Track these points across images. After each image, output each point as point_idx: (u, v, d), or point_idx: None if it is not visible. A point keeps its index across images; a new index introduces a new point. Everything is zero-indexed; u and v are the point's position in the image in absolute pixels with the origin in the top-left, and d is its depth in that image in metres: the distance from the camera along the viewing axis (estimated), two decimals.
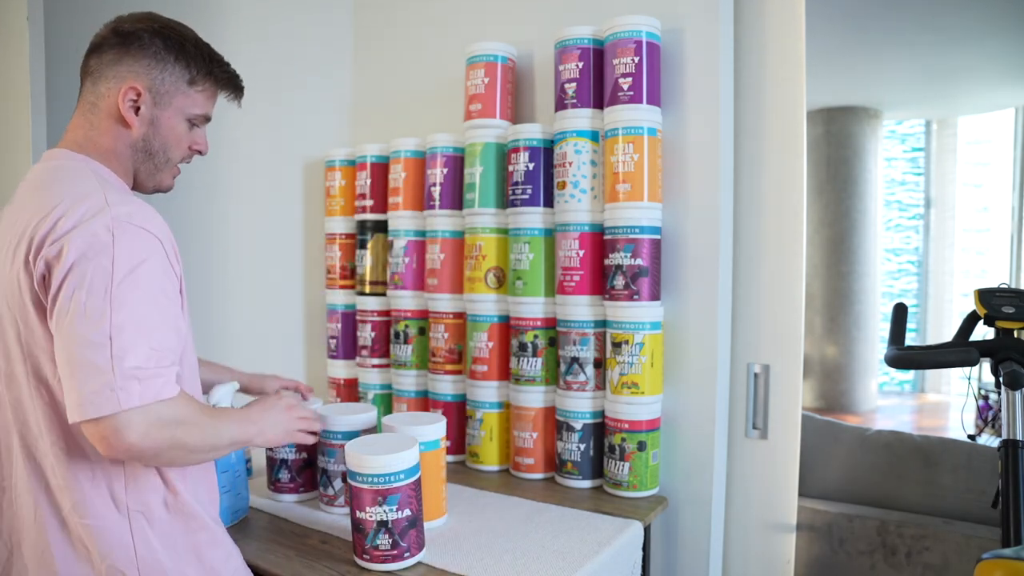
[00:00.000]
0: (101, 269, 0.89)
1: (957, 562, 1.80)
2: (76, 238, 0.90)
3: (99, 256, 0.90)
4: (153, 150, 1.08)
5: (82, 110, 1.07)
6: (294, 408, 1.23)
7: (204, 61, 1.08)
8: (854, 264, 6.08)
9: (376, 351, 1.99)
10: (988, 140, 6.81)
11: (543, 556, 1.25)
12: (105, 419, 0.87)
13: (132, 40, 1.04)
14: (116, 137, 1.06)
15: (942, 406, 6.56)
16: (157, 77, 1.05)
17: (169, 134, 1.08)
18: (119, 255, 0.91)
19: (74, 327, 0.88)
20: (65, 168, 1.02)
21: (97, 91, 1.05)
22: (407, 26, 2.14)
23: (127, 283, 0.90)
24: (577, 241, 1.62)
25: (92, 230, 0.91)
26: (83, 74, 1.07)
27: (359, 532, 1.19)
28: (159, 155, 1.09)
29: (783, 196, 1.63)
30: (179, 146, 1.10)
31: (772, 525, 1.65)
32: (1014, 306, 1.62)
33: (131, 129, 1.05)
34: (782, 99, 1.62)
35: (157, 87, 1.05)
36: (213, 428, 0.99)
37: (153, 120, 1.06)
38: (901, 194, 7.03)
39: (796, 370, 1.62)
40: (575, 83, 1.61)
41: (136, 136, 1.06)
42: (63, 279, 0.89)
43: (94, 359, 0.87)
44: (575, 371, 1.62)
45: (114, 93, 1.04)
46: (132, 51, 1.04)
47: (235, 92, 1.15)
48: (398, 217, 1.90)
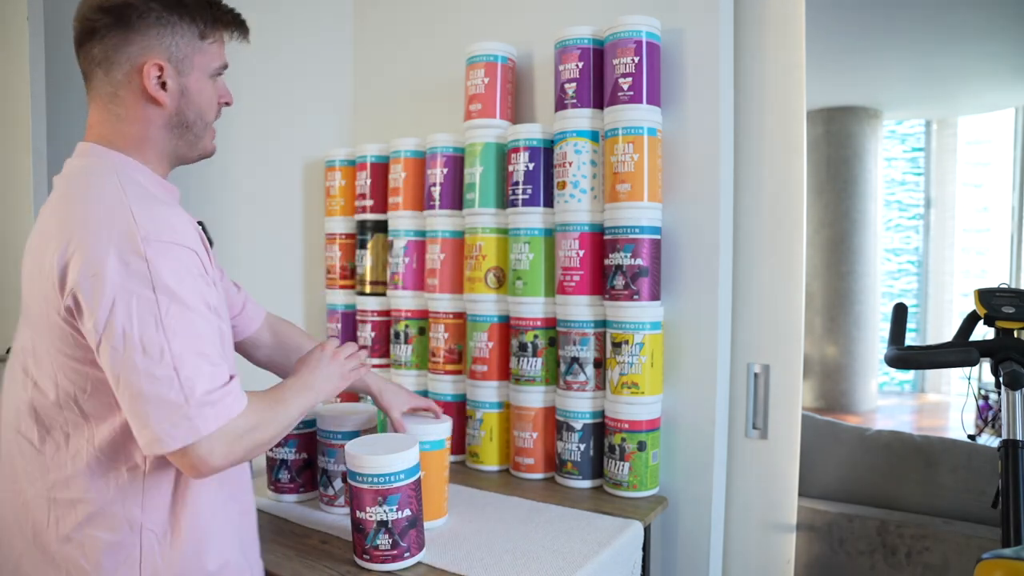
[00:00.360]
0: (146, 301, 0.87)
1: (957, 562, 1.80)
2: (110, 271, 0.87)
3: (140, 287, 0.87)
4: (189, 121, 1.03)
5: (100, 103, 1.00)
6: (337, 354, 1.22)
7: (205, 8, 1.01)
8: (854, 264, 6.08)
9: (376, 351, 1.99)
10: (988, 140, 6.81)
11: (543, 556, 1.25)
12: (188, 448, 0.87)
13: (128, 13, 0.96)
14: (147, 121, 1.00)
15: (942, 406, 6.56)
16: (172, 44, 0.98)
17: (200, 98, 1.03)
18: (158, 282, 0.88)
19: (135, 364, 0.87)
20: (93, 172, 0.98)
21: (113, 79, 0.98)
22: (407, 26, 2.14)
23: (175, 309, 0.89)
24: (577, 241, 1.62)
25: (124, 259, 0.87)
26: (88, 65, 1.00)
27: (359, 532, 1.19)
28: (196, 123, 1.04)
29: (783, 196, 1.63)
30: (211, 106, 1.05)
31: (772, 525, 1.65)
32: (1014, 306, 1.62)
33: (163, 107, 1.00)
34: (782, 99, 1.62)
35: (175, 54, 0.99)
36: (282, 415, 1.02)
37: (182, 90, 1.00)
38: (901, 194, 7.03)
39: (796, 370, 1.63)
40: (575, 83, 1.61)
41: (170, 112, 1.00)
42: (108, 317, 0.87)
43: (165, 394, 0.87)
44: (575, 371, 1.62)
45: (135, 77, 0.97)
46: (135, 26, 0.96)
47: (243, 30, 1.08)
48: (398, 217, 1.90)
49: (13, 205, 1.68)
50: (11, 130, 1.67)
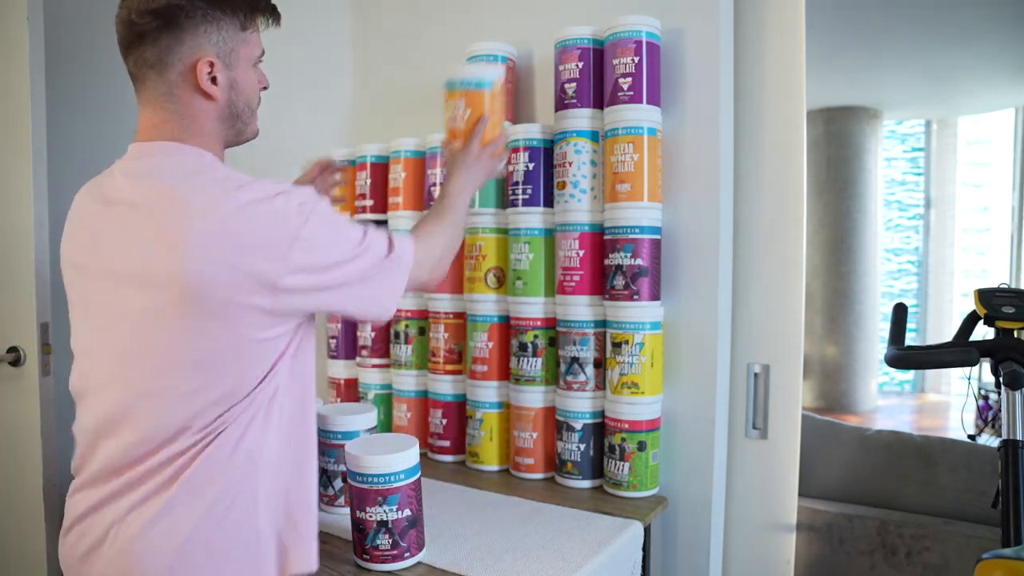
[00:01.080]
0: (317, 216, 0.98)
1: (957, 562, 1.80)
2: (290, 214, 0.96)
3: (298, 215, 0.96)
4: (239, 110, 1.08)
5: (157, 103, 1.02)
6: (483, 152, 1.32)
7: (242, 0, 1.06)
8: (854, 264, 6.08)
9: (376, 351, 1.99)
10: (988, 140, 6.81)
11: (543, 556, 1.25)
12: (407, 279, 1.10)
13: (177, 15, 0.99)
14: (204, 114, 1.04)
15: (942, 406, 6.57)
16: (219, 40, 1.02)
17: (247, 87, 1.08)
18: (295, 209, 0.97)
19: (336, 263, 0.99)
20: (201, 168, 1.01)
21: (167, 79, 1.01)
22: (407, 26, 2.14)
23: (321, 211, 0.99)
24: (577, 241, 1.62)
25: (278, 206, 0.96)
26: (139, 68, 1.02)
27: (359, 532, 1.19)
28: (245, 112, 1.09)
29: (783, 196, 1.63)
30: (255, 93, 1.11)
31: (772, 525, 1.65)
32: (1014, 306, 1.62)
33: (216, 100, 1.04)
34: (782, 99, 1.62)
35: (222, 49, 1.03)
36: (452, 216, 1.24)
37: (231, 83, 1.05)
38: (901, 194, 7.03)
39: (796, 370, 1.63)
40: (575, 83, 1.62)
41: (222, 104, 1.05)
42: (308, 255, 0.96)
43: (368, 269, 1.03)
44: (575, 371, 1.62)
45: (189, 75, 1.01)
46: (184, 25, 0.99)
47: (276, 16, 1.12)
48: (398, 217, 1.90)
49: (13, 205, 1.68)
50: (11, 130, 1.67)
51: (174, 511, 0.95)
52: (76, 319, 1.06)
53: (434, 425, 1.84)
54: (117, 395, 0.98)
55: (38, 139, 1.65)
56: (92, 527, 0.98)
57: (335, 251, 1.00)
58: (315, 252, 0.97)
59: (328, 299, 1.02)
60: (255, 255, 0.93)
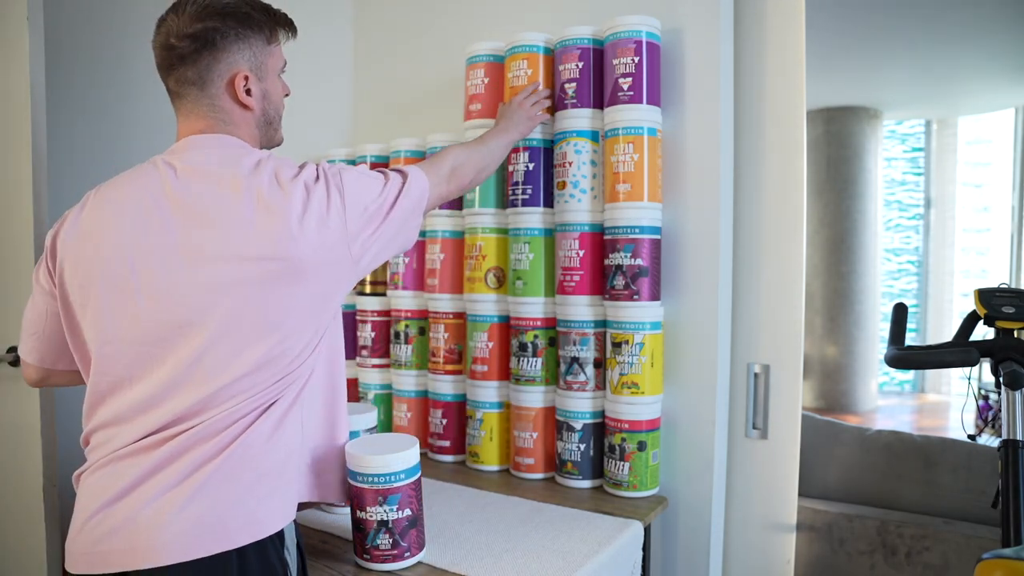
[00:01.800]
0: (343, 177, 1.10)
1: (957, 562, 1.80)
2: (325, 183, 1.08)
3: (333, 176, 1.10)
4: (270, 117, 1.17)
5: (201, 113, 1.10)
6: (524, 101, 1.59)
7: (268, 17, 1.14)
8: (854, 264, 6.08)
9: (376, 351, 1.99)
10: (988, 140, 6.81)
11: (543, 556, 1.25)
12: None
13: (213, 36, 1.08)
14: (244, 123, 1.13)
15: (942, 406, 6.57)
16: (250, 55, 1.12)
17: (276, 97, 1.18)
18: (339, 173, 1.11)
19: (371, 200, 1.11)
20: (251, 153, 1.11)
21: (209, 93, 1.10)
22: (407, 26, 2.14)
23: (342, 172, 1.11)
24: (577, 241, 1.62)
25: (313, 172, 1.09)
26: (181, 86, 1.10)
27: (359, 532, 1.19)
28: (275, 119, 1.19)
29: (783, 196, 1.63)
30: (282, 101, 1.20)
31: (772, 525, 1.65)
32: (1014, 306, 1.62)
33: (252, 111, 1.13)
34: (782, 99, 1.62)
35: (254, 64, 1.12)
36: (484, 151, 1.42)
37: (264, 93, 1.15)
38: (901, 194, 7.03)
39: (796, 370, 1.63)
40: (575, 83, 1.62)
41: (258, 114, 1.15)
42: (363, 208, 1.09)
43: (391, 194, 1.14)
44: (575, 371, 1.62)
45: (228, 88, 1.10)
46: (221, 44, 1.08)
47: (292, 30, 1.21)
48: None
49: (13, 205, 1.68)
50: (11, 130, 1.67)
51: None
52: (93, 316, 1.04)
53: (434, 425, 1.84)
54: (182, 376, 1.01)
55: (38, 139, 1.65)
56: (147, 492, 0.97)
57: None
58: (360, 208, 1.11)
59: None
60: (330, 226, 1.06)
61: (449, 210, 1.82)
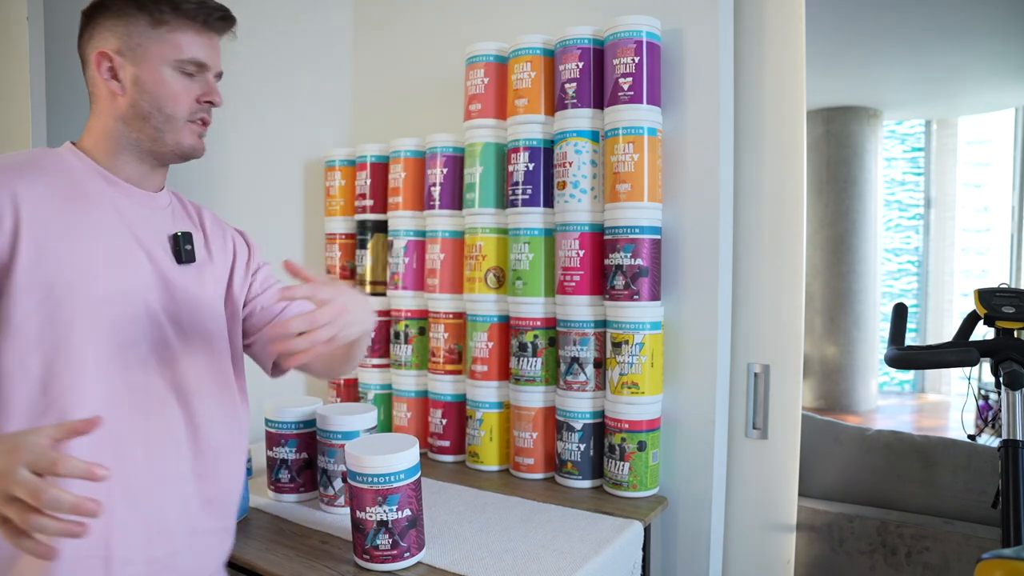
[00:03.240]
0: None
1: (957, 562, 1.80)
2: None
3: None
4: (145, 112, 1.01)
5: (90, 101, 1.04)
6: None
7: (167, 2, 1.00)
8: (854, 264, 6.08)
9: (376, 351, 1.99)
10: (988, 140, 6.81)
11: (543, 556, 1.25)
12: None
13: (96, 11, 1.01)
14: (108, 114, 1.02)
15: (942, 406, 6.56)
16: (123, 34, 0.99)
17: (157, 89, 1.00)
18: None
19: None
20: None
21: (87, 76, 1.03)
22: (407, 26, 2.14)
23: None
24: (577, 241, 1.62)
25: None
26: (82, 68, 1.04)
27: (359, 532, 1.19)
28: (155, 115, 1.01)
29: (783, 196, 1.63)
30: (176, 100, 1.02)
31: (772, 525, 1.65)
32: (1014, 306, 1.62)
33: (119, 97, 1.00)
34: (782, 99, 1.62)
35: (126, 44, 0.99)
36: None
37: (136, 80, 1.00)
38: (901, 194, 7.03)
39: (796, 370, 1.62)
40: (575, 83, 1.61)
41: (126, 102, 1.00)
42: None
43: None
44: (575, 371, 1.62)
45: (96, 68, 1.01)
46: (100, 20, 1.01)
47: (212, 22, 1.04)
48: (398, 217, 1.90)
49: None
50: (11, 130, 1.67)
51: None
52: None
53: (434, 425, 1.84)
54: None
55: (38, 139, 1.65)
56: None
57: None
58: None
59: None
60: None
61: (449, 210, 1.82)
